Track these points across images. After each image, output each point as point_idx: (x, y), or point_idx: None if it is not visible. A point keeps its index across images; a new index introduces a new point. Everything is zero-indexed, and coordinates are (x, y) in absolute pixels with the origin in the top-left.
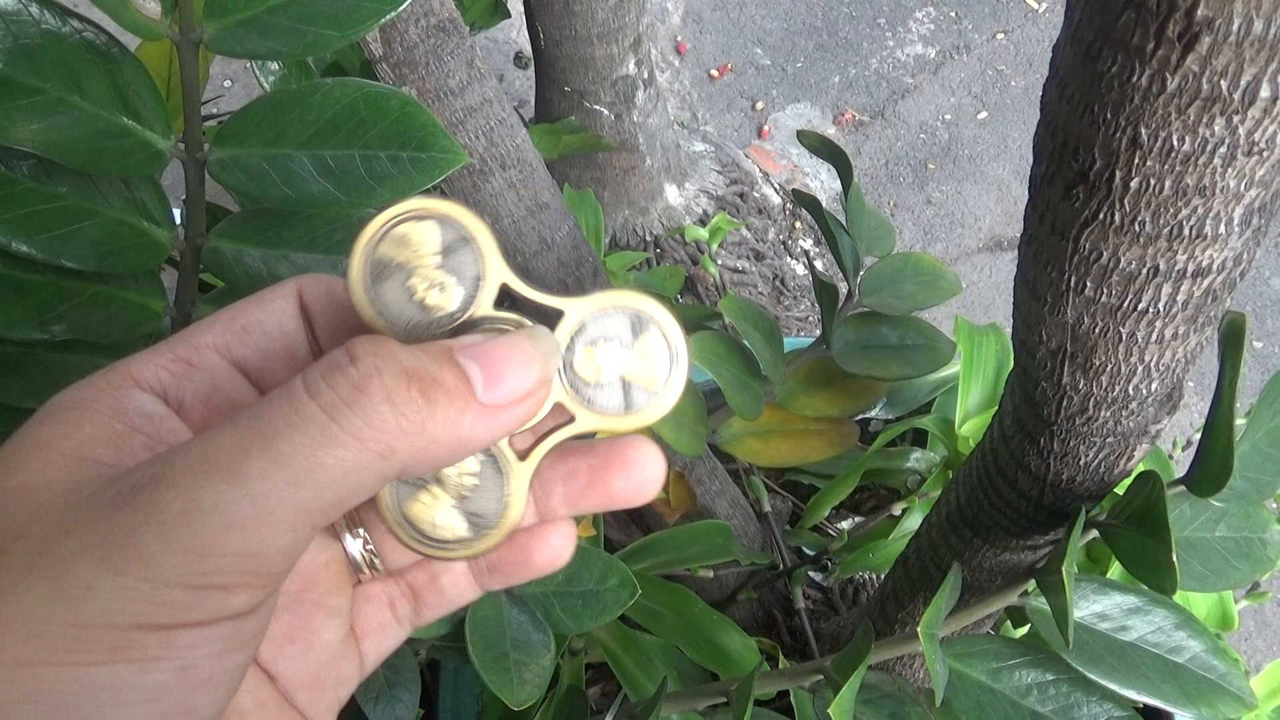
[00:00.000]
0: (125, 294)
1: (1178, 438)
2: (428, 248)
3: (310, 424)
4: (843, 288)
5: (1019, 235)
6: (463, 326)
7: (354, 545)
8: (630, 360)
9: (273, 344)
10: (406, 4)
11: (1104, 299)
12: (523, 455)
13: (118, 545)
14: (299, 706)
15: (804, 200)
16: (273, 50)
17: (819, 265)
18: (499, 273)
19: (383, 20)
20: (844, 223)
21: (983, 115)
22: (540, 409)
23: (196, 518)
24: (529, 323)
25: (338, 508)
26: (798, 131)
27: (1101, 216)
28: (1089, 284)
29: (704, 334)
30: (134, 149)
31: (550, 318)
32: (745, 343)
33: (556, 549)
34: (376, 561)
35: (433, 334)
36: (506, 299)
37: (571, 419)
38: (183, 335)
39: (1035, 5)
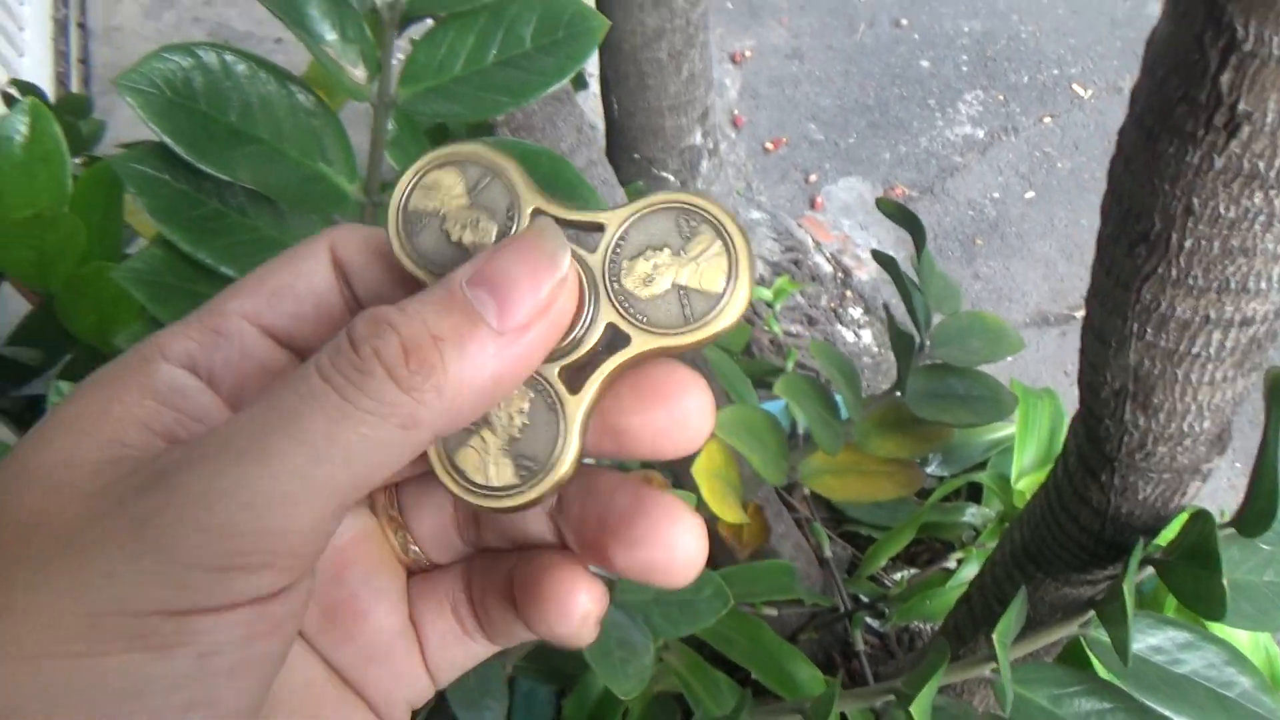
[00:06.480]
0: None
1: (1224, 509)
2: (456, 190)
3: (326, 403)
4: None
5: (1064, 311)
6: None
7: (397, 544)
8: (684, 265)
9: (303, 306)
10: (568, 79)
11: (1162, 343)
12: (575, 389)
13: (138, 531)
14: (364, 693)
15: (881, 260)
16: (454, 113)
17: (867, 333)
18: (530, 199)
19: (549, 90)
20: (916, 281)
21: (1030, 195)
22: (570, 313)
23: (217, 498)
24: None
25: (366, 481)
26: (877, 199)
27: (1160, 271)
28: (1149, 330)
29: (792, 375)
30: (327, 191)
31: (588, 238)
32: (832, 391)
33: (685, 546)
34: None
35: None
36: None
37: (627, 340)
38: (211, 304)
39: (1082, 92)
